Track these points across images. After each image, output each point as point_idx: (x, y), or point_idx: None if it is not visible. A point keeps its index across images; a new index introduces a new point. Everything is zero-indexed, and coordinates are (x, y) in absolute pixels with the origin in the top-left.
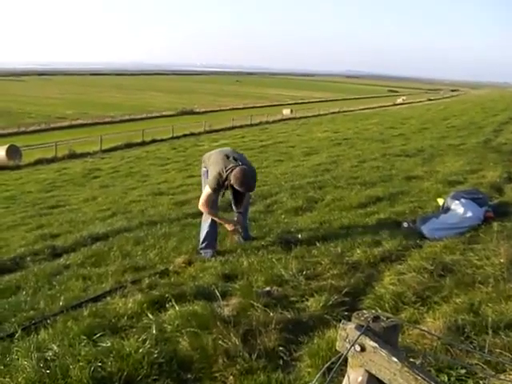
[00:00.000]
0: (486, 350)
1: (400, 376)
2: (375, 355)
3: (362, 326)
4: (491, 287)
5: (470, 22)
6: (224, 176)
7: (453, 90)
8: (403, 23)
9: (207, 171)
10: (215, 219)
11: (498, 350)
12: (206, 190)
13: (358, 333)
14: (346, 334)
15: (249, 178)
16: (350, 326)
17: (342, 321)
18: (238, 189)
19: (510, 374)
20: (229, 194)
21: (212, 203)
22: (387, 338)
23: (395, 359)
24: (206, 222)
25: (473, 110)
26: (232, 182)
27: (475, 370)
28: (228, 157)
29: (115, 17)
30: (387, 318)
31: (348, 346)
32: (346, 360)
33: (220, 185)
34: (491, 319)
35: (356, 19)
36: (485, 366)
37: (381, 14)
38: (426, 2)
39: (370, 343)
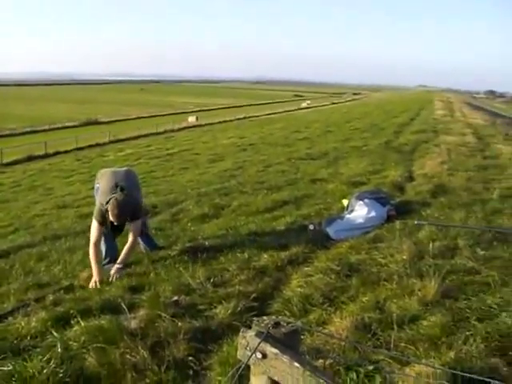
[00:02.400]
0: (392, 345)
1: (303, 381)
2: (277, 361)
3: (263, 333)
4: (395, 284)
5: (370, 29)
6: (105, 208)
7: (355, 94)
8: (313, 29)
9: (98, 188)
10: (92, 262)
11: (402, 344)
12: (93, 224)
13: (258, 340)
14: (246, 341)
15: (120, 209)
16: (250, 333)
17: (242, 329)
18: (112, 219)
19: (413, 367)
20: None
21: (100, 236)
22: (288, 343)
23: (297, 364)
24: (104, 236)
25: (374, 112)
26: (109, 212)
27: (382, 365)
28: (117, 186)
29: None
30: (288, 323)
31: (249, 353)
32: (249, 368)
33: (103, 217)
34: (396, 315)
35: (266, 25)
36: (391, 361)
37: (291, 20)
38: (334, 9)
39: (270, 350)
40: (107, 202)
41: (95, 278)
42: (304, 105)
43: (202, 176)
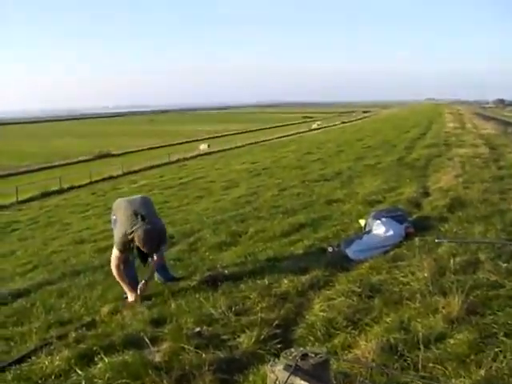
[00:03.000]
0: (420, 366)
1: None
2: None
3: (291, 366)
4: (418, 302)
5: (375, 44)
6: (129, 238)
7: (365, 112)
8: (313, 48)
9: (116, 220)
10: (121, 283)
11: (430, 365)
12: (114, 252)
13: (287, 373)
14: (275, 376)
15: (153, 238)
16: (279, 367)
17: (270, 362)
18: (144, 250)
19: None
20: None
21: (122, 263)
22: (317, 374)
23: None
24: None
25: (385, 129)
26: (137, 243)
27: None
28: (136, 214)
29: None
30: (315, 354)
31: None
32: None
33: (126, 246)
34: (421, 334)
35: (264, 47)
36: (420, 383)
37: (289, 39)
38: (336, 26)
39: (300, 382)
40: (131, 233)
41: (133, 295)
42: (314, 126)
43: (217, 203)
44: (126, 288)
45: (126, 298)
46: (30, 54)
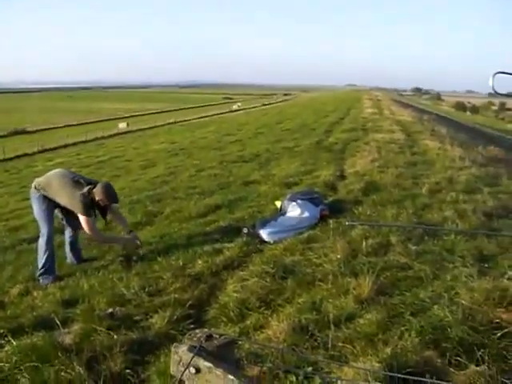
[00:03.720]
0: (330, 345)
1: None
2: (211, 375)
3: (195, 347)
4: (330, 283)
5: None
6: (89, 198)
7: (285, 94)
8: (232, 30)
9: (43, 196)
10: (112, 243)
11: (340, 344)
12: (84, 219)
13: (191, 355)
14: (178, 357)
15: (111, 187)
16: (183, 348)
17: (174, 344)
18: (108, 202)
19: (352, 366)
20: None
21: (94, 225)
22: (222, 355)
23: (231, 377)
24: (42, 246)
25: (305, 112)
26: (99, 198)
27: (321, 365)
28: (77, 181)
29: None
30: (220, 335)
31: (182, 369)
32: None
33: (89, 208)
34: (332, 315)
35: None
36: (329, 361)
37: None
38: (259, 9)
39: (204, 364)
40: (88, 194)
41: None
42: (235, 107)
43: (135, 183)
44: (117, 241)
45: (39, 277)
46: None
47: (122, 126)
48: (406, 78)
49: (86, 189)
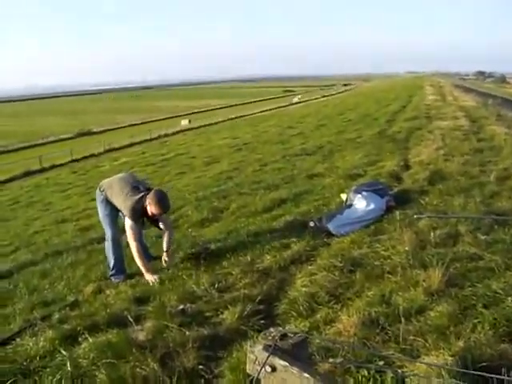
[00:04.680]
0: (401, 339)
1: None
2: (287, 374)
3: (270, 346)
4: (399, 276)
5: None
6: (139, 204)
7: (345, 85)
8: (292, 22)
9: (105, 199)
10: (138, 262)
11: (411, 337)
12: (128, 224)
13: (267, 354)
14: (254, 356)
15: (165, 196)
16: (258, 347)
17: (249, 343)
18: (157, 211)
19: (423, 359)
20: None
21: (139, 235)
22: (297, 353)
23: (307, 375)
24: (110, 249)
25: (366, 102)
26: (151, 205)
27: (392, 359)
28: (136, 187)
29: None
30: (295, 333)
31: (258, 368)
32: (259, 382)
33: (137, 214)
34: (402, 307)
35: (241, 20)
36: (401, 355)
37: (265, 12)
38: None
39: (279, 362)
40: (140, 199)
41: (150, 274)
42: (295, 100)
43: (199, 179)
44: (141, 266)
45: (111, 277)
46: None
47: (184, 122)
48: (468, 62)
49: (140, 194)
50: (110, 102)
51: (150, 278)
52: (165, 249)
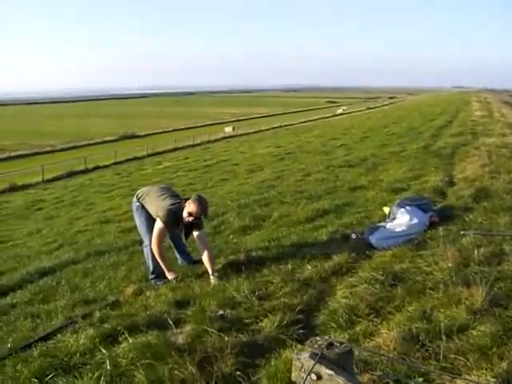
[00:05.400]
0: (441, 356)
1: None
2: (332, 383)
3: (317, 354)
4: (442, 292)
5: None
6: (176, 209)
7: (391, 98)
8: (336, 33)
9: (141, 207)
10: (160, 261)
11: (452, 355)
12: (158, 225)
13: (313, 362)
14: (300, 363)
15: (204, 200)
16: (304, 355)
17: (296, 351)
18: (196, 209)
19: (465, 378)
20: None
21: (164, 237)
22: (342, 363)
23: None
24: (149, 255)
25: (411, 116)
26: (189, 205)
27: (432, 376)
28: (175, 195)
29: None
30: (340, 343)
31: (304, 375)
32: None
33: (171, 218)
34: (444, 324)
35: (286, 31)
36: (441, 373)
37: (312, 24)
38: (359, 10)
39: (325, 371)
40: (178, 202)
41: (172, 273)
42: (339, 111)
43: (242, 187)
44: (162, 264)
45: (152, 279)
46: (54, 34)
47: (228, 130)
48: None
49: (178, 200)
50: (154, 106)
51: (170, 276)
52: (210, 272)
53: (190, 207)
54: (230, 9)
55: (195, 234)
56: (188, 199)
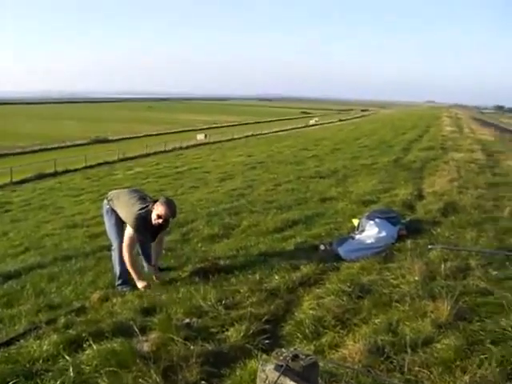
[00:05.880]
0: (406, 369)
1: None
2: None
3: (281, 366)
4: (408, 305)
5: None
6: (145, 213)
7: (363, 110)
8: (312, 45)
9: (111, 210)
10: (131, 270)
11: (416, 368)
12: (129, 232)
13: (277, 374)
14: (265, 375)
15: (173, 203)
16: (269, 366)
17: (261, 361)
18: (164, 212)
19: None
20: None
21: (134, 245)
22: (307, 376)
23: None
24: (116, 259)
25: (383, 129)
26: (158, 208)
27: None
28: (144, 198)
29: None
30: (306, 355)
31: None
32: None
33: (142, 224)
34: (409, 337)
35: (265, 42)
36: None
37: (289, 35)
38: (333, 21)
39: (290, 383)
40: (145, 207)
41: (141, 281)
42: (312, 122)
43: (212, 195)
44: (134, 274)
45: (118, 286)
46: (32, 35)
47: (201, 137)
48: (487, 96)
49: (147, 204)
50: (128, 111)
51: (141, 285)
52: (153, 262)
53: (158, 209)
54: (210, 15)
55: (160, 235)
56: (156, 201)
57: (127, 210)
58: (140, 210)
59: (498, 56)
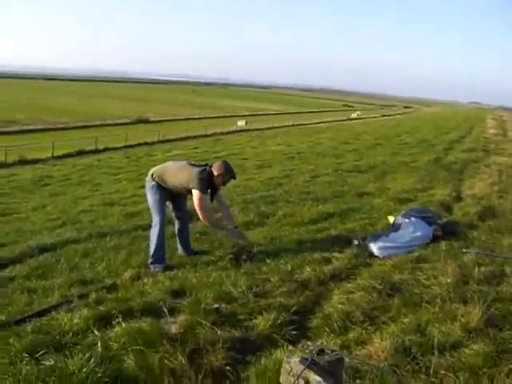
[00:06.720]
0: (431, 371)
1: None
2: None
3: (307, 359)
4: (438, 307)
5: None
6: (206, 173)
7: (406, 107)
8: (355, 38)
9: (156, 186)
10: (219, 229)
11: (442, 372)
12: (198, 194)
13: (302, 367)
14: (290, 367)
15: (230, 164)
16: (295, 359)
17: (287, 352)
18: (228, 177)
19: None
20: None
21: (209, 205)
22: (332, 371)
23: None
24: (154, 235)
25: (425, 127)
26: (219, 173)
27: None
28: (195, 164)
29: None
30: (332, 350)
31: (292, 379)
32: None
33: (205, 183)
34: (437, 339)
35: (311, 32)
36: None
37: (329, 27)
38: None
39: (314, 377)
40: (203, 170)
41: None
42: (354, 115)
43: (249, 182)
44: (226, 231)
45: (150, 265)
46: (83, 13)
47: (241, 123)
48: None
49: (202, 168)
50: (172, 93)
51: (240, 237)
52: (232, 226)
53: (220, 170)
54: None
55: (216, 196)
56: (208, 165)
57: (186, 174)
58: (200, 171)
59: None
